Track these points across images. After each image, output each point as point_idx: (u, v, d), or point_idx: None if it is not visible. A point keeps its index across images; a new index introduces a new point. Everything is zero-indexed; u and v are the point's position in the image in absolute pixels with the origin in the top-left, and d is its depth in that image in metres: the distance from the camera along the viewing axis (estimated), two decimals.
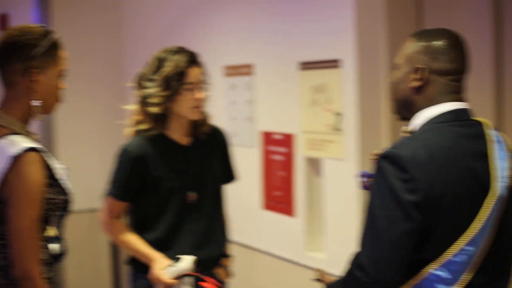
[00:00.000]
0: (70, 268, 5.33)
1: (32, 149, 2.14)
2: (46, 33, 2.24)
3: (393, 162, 1.87)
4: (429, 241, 1.87)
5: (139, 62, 2.96)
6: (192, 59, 2.89)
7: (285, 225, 3.89)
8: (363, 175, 2.22)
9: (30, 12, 5.40)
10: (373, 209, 1.89)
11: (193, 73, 2.87)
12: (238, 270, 3.37)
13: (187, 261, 2.73)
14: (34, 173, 2.13)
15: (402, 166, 1.86)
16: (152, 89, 2.85)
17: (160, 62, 2.88)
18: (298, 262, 3.80)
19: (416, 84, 2.00)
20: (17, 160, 2.11)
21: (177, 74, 2.83)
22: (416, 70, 2.00)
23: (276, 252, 3.98)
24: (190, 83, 2.85)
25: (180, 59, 2.85)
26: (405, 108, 2.06)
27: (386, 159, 1.89)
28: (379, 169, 1.91)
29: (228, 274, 3.04)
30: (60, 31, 2.31)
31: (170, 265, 2.75)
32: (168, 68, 2.84)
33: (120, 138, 5.46)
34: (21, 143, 2.14)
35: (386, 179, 1.87)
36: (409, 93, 2.02)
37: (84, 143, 5.49)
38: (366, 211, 1.92)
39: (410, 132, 2.04)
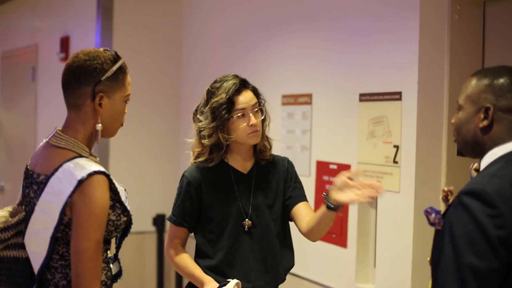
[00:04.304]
0: None
1: (98, 172, 2.17)
2: (114, 58, 2.28)
3: (479, 198, 1.85)
4: (507, 283, 1.85)
5: (197, 91, 3.00)
6: (240, 85, 2.86)
7: (336, 256, 3.89)
8: (431, 212, 2.20)
9: (91, 34, 5.52)
10: (457, 246, 1.85)
11: (243, 100, 2.85)
12: None
13: (231, 284, 2.74)
14: (99, 197, 2.16)
15: (489, 202, 1.84)
16: (203, 122, 2.89)
17: (210, 94, 2.89)
18: None
19: (483, 124, 2.00)
20: (83, 183, 2.14)
21: (225, 104, 2.82)
22: (483, 109, 2.00)
23: (326, 282, 3.97)
24: (242, 109, 2.85)
25: (227, 88, 2.84)
26: (472, 148, 2.05)
27: (470, 195, 1.87)
28: (462, 206, 1.88)
29: None
30: (120, 55, 2.36)
31: None
32: (214, 99, 2.85)
33: (171, 164, 5.59)
34: (87, 166, 2.17)
35: (472, 215, 1.84)
36: (476, 133, 2.02)
37: (135, 166, 5.57)
38: (447, 248, 1.88)
39: (478, 170, 2.03)
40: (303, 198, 2.98)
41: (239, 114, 2.84)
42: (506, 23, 3.42)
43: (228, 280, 2.76)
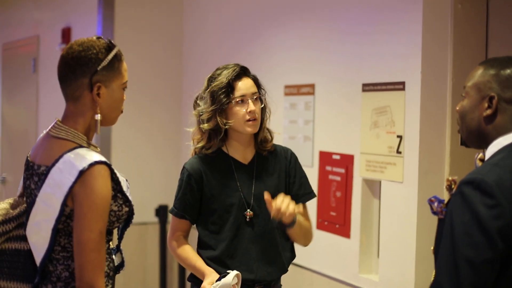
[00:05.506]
0: (118, 282, 5.37)
1: (99, 162, 2.16)
2: (109, 46, 2.26)
3: (478, 188, 1.84)
4: (506, 273, 1.84)
5: (199, 81, 2.98)
6: (241, 72, 2.87)
7: (340, 246, 3.88)
8: (435, 201, 2.19)
9: (93, 26, 5.50)
10: (454, 235, 1.85)
11: (243, 86, 2.85)
12: None
13: (231, 276, 2.73)
14: (101, 187, 2.14)
15: (487, 192, 1.83)
16: (202, 106, 2.88)
17: (211, 80, 2.89)
18: (352, 284, 3.78)
19: (487, 113, 1.99)
20: (84, 173, 2.13)
21: (224, 88, 2.83)
22: (487, 98, 1.99)
23: (330, 273, 3.96)
24: (241, 96, 2.85)
25: (227, 73, 2.85)
26: (475, 138, 2.05)
27: (469, 185, 1.86)
28: (461, 195, 1.87)
29: None
30: (122, 46, 2.34)
31: (217, 280, 2.76)
32: (215, 83, 2.85)
33: (173, 155, 5.58)
34: (88, 156, 2.16)
35: (470, 205, 1.84)
36: (480, 122, 2.01)
37: (137, 157, 5.56)
38: (445, 237, 1.88)
39: (483, 160, 2.02)
40: (306, 197, 3.00)
41: (238, 100, 2.84)
42: (510, 13, 3.40)
43: (228, 271, 2.76)
